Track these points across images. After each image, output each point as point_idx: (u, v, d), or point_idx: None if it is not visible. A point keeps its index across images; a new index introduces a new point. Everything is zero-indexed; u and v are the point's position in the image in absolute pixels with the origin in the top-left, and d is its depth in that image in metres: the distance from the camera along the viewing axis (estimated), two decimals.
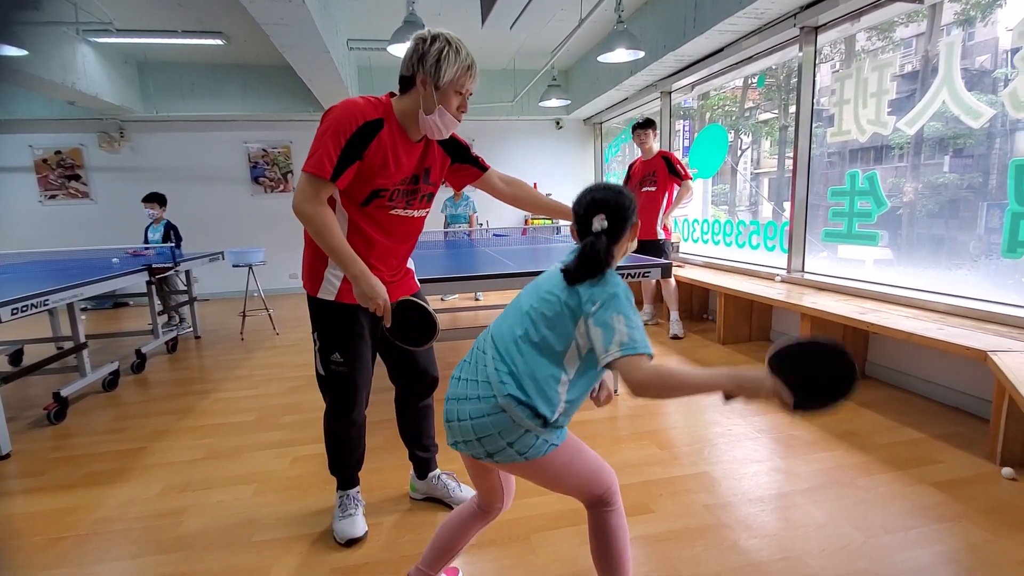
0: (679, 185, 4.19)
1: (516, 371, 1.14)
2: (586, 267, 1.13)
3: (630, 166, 4.49)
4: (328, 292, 1.62)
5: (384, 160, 1.49)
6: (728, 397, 1.07)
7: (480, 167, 1.77)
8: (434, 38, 1.43)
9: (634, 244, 1.25)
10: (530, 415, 1.12)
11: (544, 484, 1.23)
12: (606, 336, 1.07)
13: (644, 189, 4.26)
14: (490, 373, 1.16)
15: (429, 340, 1.56)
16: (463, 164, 1.74)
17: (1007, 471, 2.06)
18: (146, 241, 4.93)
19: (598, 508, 1.26)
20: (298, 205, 1.44)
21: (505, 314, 1.25)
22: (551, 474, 1.20)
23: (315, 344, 1.69)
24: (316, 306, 1.66)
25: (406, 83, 1.50)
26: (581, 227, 1.21)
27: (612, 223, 1.16)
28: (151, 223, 4.92)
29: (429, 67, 1.43)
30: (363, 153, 1.45)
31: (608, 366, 1.08)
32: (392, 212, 1.59)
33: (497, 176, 1.81)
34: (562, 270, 1.18)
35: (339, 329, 1.65)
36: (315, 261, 1.62)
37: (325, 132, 1.42)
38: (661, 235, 4.24)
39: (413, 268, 1.85)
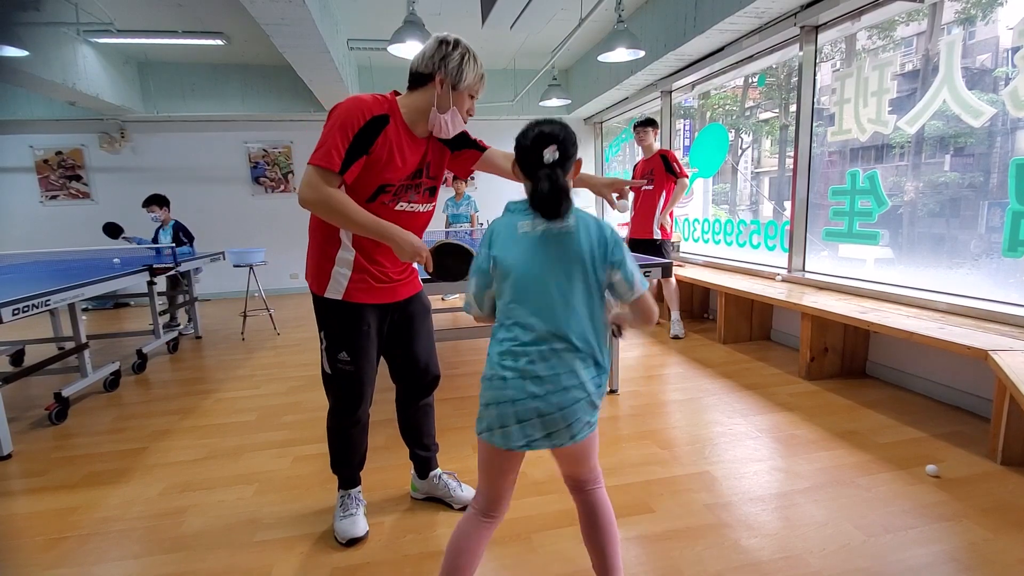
0: (675, 184, 4.17)
1: (588, 342, 1.19)
2: (552, 200, 1.17)
3: (635, 166, 4.49)
4: (335, 291, 1.61)
5: (390, 155, 1.50)
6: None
7: (479, 148, 1.78)
8: (456, 43, 1.49)
9: (570, 183, 1.26)
10: (601, 376, 1.23)
11: (589, 455, 1.28)
12: (630, 277, 1.21)
13: (643, 188, 4.26)
14: (568, 360, 1.17)
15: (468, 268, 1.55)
16: (463, 150, 1.75)
17: (931, 468, 2.08)
18: (155, 242, 4.93)
19: (597, 483, 1.33)
20: (306, 195, 1.43)
21: (537, 296, 1.19)
22: (595, 439, 1.27)
23: (322, 343, 1.69)
24: (323, 305, 1.66)
25: (420, 79, 1.52)
26: (528, 161, 1.22)
27: (561, 155, 1.18)
28: (159, 225, 4.93)
29: (452, 69, 1.48)
30: (370, 148, 1.46)
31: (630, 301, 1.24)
32: (397, 208, 1.60)
33: (500, 154, 1.80)
34: (534, 207, 1.20)
35: (346, 328, 1.65)
36: (321, 260, 1.62)
37: (333, 126, 1.43)
38: (658, 235, 4.21)
39: (416, 267, 1.85)
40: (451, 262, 1.61)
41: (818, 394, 2.95)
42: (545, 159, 1.17)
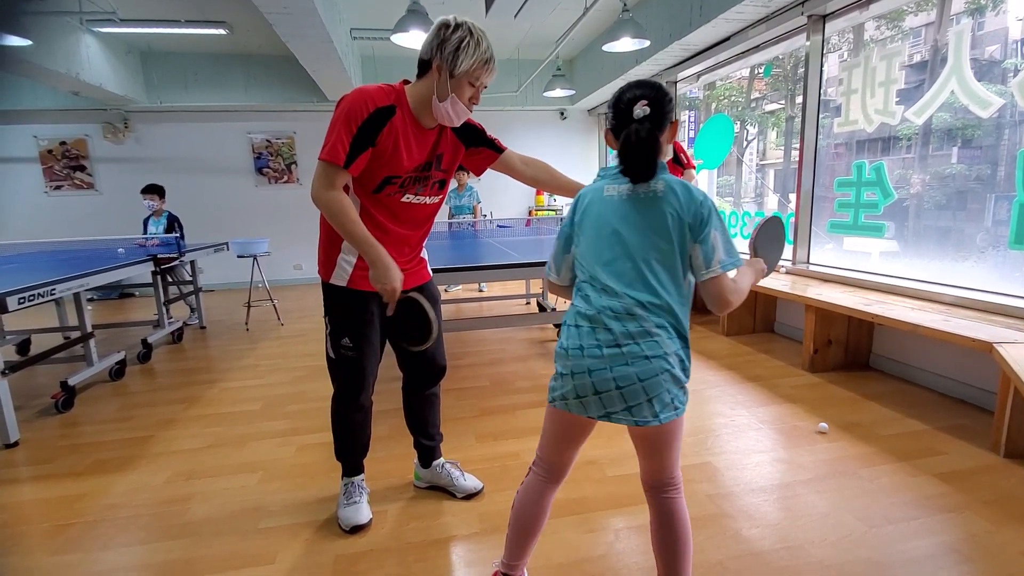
0: (682, 174, 4.16)
1: (672, 311, 1.13)
2: (639, 155, 1.12)
3: None
4: (340, 278, 1.64)
5: (396, 146, 1.50)
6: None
7: (496, 149, 1.76)
8: (457, 26, 1.44)
9: (669, 150, 1.23)
10: (685, 351, 1.15)
11: (669, 446, 1.19)
12: (708, 254, 1.13)
13: None
14: (648, 328, 1.11)
15: (420, 344, 1.59)
16: (479, 147, 1.74)
17: (823, 425, 2.24)
18: (145, 232, 4.95)
19: (677, 489, 1.24)
20: (315, 193, 1.47)
21: (618, 259, 1.15)
22: (679, 432, 1.19)
23: (327, 328, 1.71)
24: (328, 291, 1.69)
25: (423, 67, 1.51)
26: (621, 122, 1.17)
27: (654, 112, 1.13)
28: (150, 215, 4.95)
29: (447, 54, 1.43)
30: (375, 139, 1.46)
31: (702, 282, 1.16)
32: (404, 199, 1.60)
33: (517, 157, 1.80)
34: (621, 169, 1.17)
35: (349, 314, 1.66)
36: (329, 247, 1.64)
37: (338, 120, 1.43)
38: None
39: (427, 258, 1.86)
40: (409, 323, 1.58)
41: (821, 386, 2.95)
42: (635, 115, 1.14)
